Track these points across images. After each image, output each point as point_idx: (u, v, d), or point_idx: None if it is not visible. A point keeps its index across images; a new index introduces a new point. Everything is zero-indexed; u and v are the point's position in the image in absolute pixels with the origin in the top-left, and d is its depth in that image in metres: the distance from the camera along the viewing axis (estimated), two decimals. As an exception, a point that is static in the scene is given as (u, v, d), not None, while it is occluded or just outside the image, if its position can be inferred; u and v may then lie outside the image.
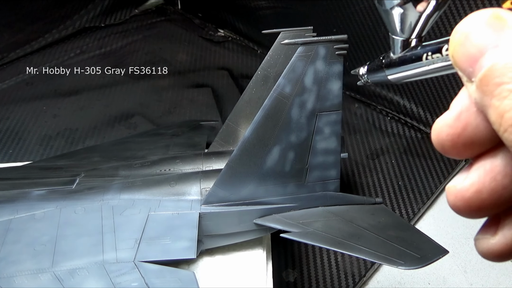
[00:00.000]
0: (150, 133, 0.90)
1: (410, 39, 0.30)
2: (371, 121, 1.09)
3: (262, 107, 0.56)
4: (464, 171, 0.22)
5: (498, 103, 0.18)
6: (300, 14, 1.18)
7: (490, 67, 0.18)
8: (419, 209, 0.88)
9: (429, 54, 0.27)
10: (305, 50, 0.54)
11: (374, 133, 1.06)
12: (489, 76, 0.18)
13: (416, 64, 0.29)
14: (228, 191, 0.60)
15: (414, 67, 0.29)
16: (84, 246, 0.56)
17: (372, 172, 0.96)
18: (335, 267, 0.78)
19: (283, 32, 0.64)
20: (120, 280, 0.51)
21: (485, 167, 0.21)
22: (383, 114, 1.11)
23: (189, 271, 0.55)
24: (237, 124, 0.72)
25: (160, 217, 0.60)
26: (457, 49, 0.20)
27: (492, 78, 0.18)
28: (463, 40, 0.20)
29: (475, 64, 0.19)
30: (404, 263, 0.51)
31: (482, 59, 0.19)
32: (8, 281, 0.51)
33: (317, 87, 0.56)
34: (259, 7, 1.29)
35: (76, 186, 0.64)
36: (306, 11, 1.16)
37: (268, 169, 0.60)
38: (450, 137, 0.21)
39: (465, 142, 0.21)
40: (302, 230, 0.58)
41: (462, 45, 0.20)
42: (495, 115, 0.18)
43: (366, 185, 0.93)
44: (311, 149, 0.60)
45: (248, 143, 0.58)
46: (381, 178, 0.95)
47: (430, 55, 0.27)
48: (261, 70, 0.68)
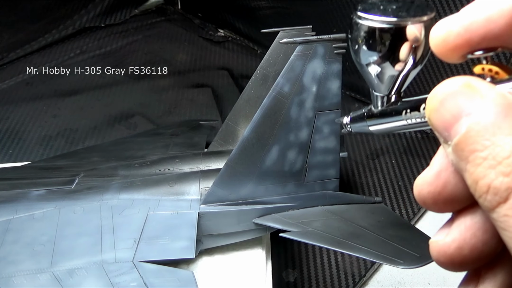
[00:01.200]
0: (149, 133, 0.90)
1: (390, 95, 0.30)
2: (371, 121, 1.09)
3: (261, 107, 0.56)
4: (446, 226, 0.22)
5: (473, 169, 0.19)
6: (300, 14, 1.18)
7: (464, 134, 0.19)
8: (419, 209, 0.88)
9: (408, 111, 0.27)
10: (303, 49, 0.54)
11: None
12: (464, 142, 0.19)
13: (395, 118, 0.29)
14: (227, 190, 0.60)
15: (393, 120, 0.29)
16: (83, 246, 0.56)
17: (372, 172, 0.96)
18: (335, 267, 0.78)
19: (282, 31, 0.64)
20: (118, 280, 0.51)
21: (465, 223, 0.21)
22: (383, 114, 1.10)
23: (188, 271, 0.55)
24: (236, 123, 0.72)
25: (159, 216, 0.59)
26: (433, 114, 0.21)
27: (466, 144, 0.19)
28: (438, 106, 0.21)
29: (450, 129, 0.20)
30: (404, 262, 0.51)
31: (456, 126, 0.20)
32: (7, 281, 0.51)
33: (316, 86, 0.56)
34: (259, 7, 1.28)
35: (75, 186, 0.64)
36: (306, 11, 1.16)
37: (267, 169, 0.60)
38: (431, 195, 0.22)
39: (446, 199, 0.22)
40: (302, 229, 0.58)
41: (437, 110, 0.21)
42: (470, 180, 0.19)
43: (366, 185, 0.93)
44: (310, 148, 0.60)
45: (247, 142, 0.58)
46: (381, 178, 0.95)
47: (409, 112, 0.27)
48: (260, 69, 0.68)
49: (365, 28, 0.27)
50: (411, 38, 0.26)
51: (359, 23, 0.27)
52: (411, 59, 0.27)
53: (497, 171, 0.18)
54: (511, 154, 0.18)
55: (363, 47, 0.28)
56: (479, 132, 0.19)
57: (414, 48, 0.27)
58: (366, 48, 0.28)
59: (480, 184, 0.18)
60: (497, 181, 0.18)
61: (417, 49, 0.27)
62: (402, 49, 0.27)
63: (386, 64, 0.28)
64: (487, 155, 0.18)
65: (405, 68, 0.28)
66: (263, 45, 1.34)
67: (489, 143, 0.18)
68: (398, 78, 0.29)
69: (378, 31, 0.27)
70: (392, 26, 0.26)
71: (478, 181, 0.19)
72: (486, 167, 0.18)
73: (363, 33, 0.27)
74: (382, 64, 0.28)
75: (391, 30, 0.26)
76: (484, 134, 0.18)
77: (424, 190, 0.22)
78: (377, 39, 0.27)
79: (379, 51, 0.27)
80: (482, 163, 0.18)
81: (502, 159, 0.18)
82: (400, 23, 0.26)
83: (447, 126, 0.20)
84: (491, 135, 0.18)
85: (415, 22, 0.26)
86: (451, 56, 0.22)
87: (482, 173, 0.18)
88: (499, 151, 0.18)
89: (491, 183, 0.18)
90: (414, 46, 0.27)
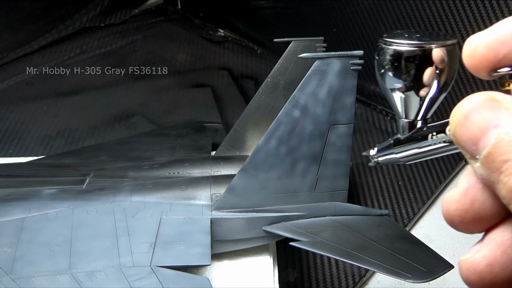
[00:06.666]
0: (154, 134, 0.91)
1: (416, 121, 0.31)
2: (371, 121, 1.09)
3: (277, 118, 0.57)
4: (476, 245, 0.22)
5: (507, 179, 0.19)
6: (300, 14, 1.18)
7: (494, 144, 0.19)
8: (419, 209, 0.88)
9: (434, 134, 0.28)
10: (321, 64, 0.55)
11: (374, 133, 1.06)
12: (495, 153, 0.19)
13: (422, 143, 0.29)
14: (239, 197, 0.61)
15: (420, 146, 0.30)
16: (100, 248, 0.56)
17: (372, 172, 0.96)
18: (335, 267, 0.78)
19: (294, 41, 0.66)
20: (138, 284, 0.51)
21: (496, 241, 0.21)
22: (383, 114, 1.11)
23: (204, 277, 0.56)
24: (245, 129, 0.73)
25: (172, 221, 0.60)
26: (458, 129, 0.21)
27: (497, 155, 0.19)
28: (463, 121, 0.21)
29: (478, 143, 0.20)
30: (412, 276, 0.52)
31: (484, 138, 0.20)
32: (27, 281, 0.51)
33: (331, 100, 0.57)
34: (259, 7, 1.29)
35: (86, 186, 0.65)
36: (306, 11, 1.16)
37: (280, 178, 0.61)
38: (459, 212, 0.22)
39: (474, 217, 0.22)
40: (311, 239, 0.59)
41: (463, 125, 0.21)
42: (505, 190, 0.19)
43: (366, 185, 0.93)
44: (322, 160, 0.61)
45: (261, 151, 0.59)
46: (381, 178, 0.95)
47: (435, 134, 0.28)
48: (270, 78, 0.70)
49: (391, 52, 0.28)
50: (436, 61, 0.27)
51: (384, 47, 0.28)
52: (435, 83, 0.28)
53: None
54: None
55: (389, 72, 0.29)
56: (510, 142, 0.19)
57: (439, 73, 0.28)
58: (391, 72, 0.29)
59: None
60: None
61: (441, 73, 0.28)
62: (426, 73, 0.28)
63: (411, 88, 0.29)
64: None
65: (429, 92, 0.29)
66: (263, 45, 1.34)
67: None
68: (423, 103, 0.30)
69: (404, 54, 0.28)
70: (416, 49, 0.27)
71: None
72: None
73: (389, 57, 0.28)
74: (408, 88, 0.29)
75: (415, 52, 0.27)
76: None
77: (452, 208, 0.23)
78: (403, 63, 0.28)
79: (404, 74, 0.28)
80: None
81: None
82: (424, 46, 0.27)
83: (475, 140, 0.20)
84: None
85: (439, 46, 0.27)
86: (480, 68, 0.23)
87: None
88: None
89: None
90: (438, 70, 0.28)
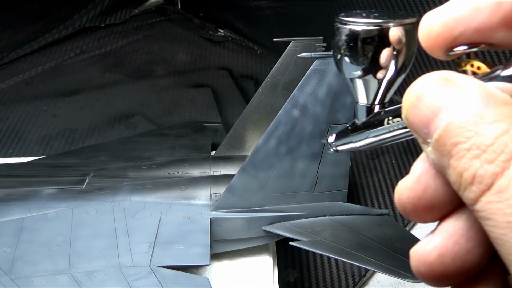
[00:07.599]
0: (154, 133, 0.91)
1: (373, 105, 0.30)
2: (371, 121, 1.09)
3: (276, 117, 0.57)
4: (429, 235, 0.21)
5: (457, 163, 0.18)
6: (299, 14, 1.18)
7: (445, 127, 0.19)
8: (419, 209, 0.88)
9: (390, 119, 0.27)
10: (320, 63, 0.55)
11: (374, 133, 1.06)
12: (445, 136, 0.19)
13: (378, 129, 0.28)
14: (239, 197, 0.61)
15: (376, 132, 0.29)
16: (99, 248, 0.56)
17: (372, 172, 0.96)
18: (335, 267, 0.78)
19: (293, 41, 0.65)
20: (137, 284, 0.52)
21: (448, 230, 0.20)
22: (383, 114, 1.11)
23: (203, 277, 0.56)
24: (244, 129, 0.73)
25: (172, 221, 0.60)
26: (410, 111, 0.20)
27: (448, 138, 0.18)
28: (415, 102, 0.20)
29: (430, 125, 0.19)
30: (412, 276, 0.52)
31: (436, 120, 0.19)
32: (27, 281, 0.51)
33: (331, 100, 0.57)
34: (259, 7, 1.29)
35: (86, 186, 0.65)
36: (306, 11, 1.16)
37: (279, 178, 0.61)
38: (411, 200, 0.21)
39: (426, 205, 0.21)
40: (311, 239, 0.59)
41: (415, 106, 0.20)
42: (455, 175, 0.18)
43: (366, 185, 0.93)
44: (322, 160, 0.61)
45: (260, 151, 0.59)
46: (381, 178, 0.95)
47: (391, 119, 0.27)
48: (270, 78, 0.70)
49: (347, 32, 0.27)
50: (393, 41, 0.26)
51: (340, 27, 0.27)
52: (393, 65, 0.27)
53: (482, 160, 0.17)
54: (495, 141, 0.17)
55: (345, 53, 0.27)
56: (461, 124, 0.18)
57: (396, 54, 0.26)
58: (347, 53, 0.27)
59: (465, 176, 0.18)
60: (482, 169, 0.17)
61: (399, 54, 0.26)
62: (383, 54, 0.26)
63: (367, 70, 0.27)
64: (471, 146, 0.18)
65: (387, 75, 0.27)
66: (263, 45, 1.34)
67: (472, 133, 0.18)
68: (381, 86, 0.28)
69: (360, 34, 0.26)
70: (373, 28, 0.26)
71: (462, 173, 0.18)
72: (471, 158, 0.18)
73: (345, 37, 0.27)
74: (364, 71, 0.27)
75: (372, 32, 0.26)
76: (466, 125, 0.18)
77: (404, 195, 0.21)
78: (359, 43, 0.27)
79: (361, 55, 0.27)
80: (466, 154, 0.18)
81: (486, 147, 0.17)
82: (381, 25, 0.26)
83: (426, 122, 0.19)
84: (473, 125, 0.18)
85: (397, 25, 0.26)
86: (436, 47, 0.22)
87: (467, 164, 0.18)
88: (482, 140, 0.17)
89: (476, 172, 0.18)
90: (396, 51, 0.26)
